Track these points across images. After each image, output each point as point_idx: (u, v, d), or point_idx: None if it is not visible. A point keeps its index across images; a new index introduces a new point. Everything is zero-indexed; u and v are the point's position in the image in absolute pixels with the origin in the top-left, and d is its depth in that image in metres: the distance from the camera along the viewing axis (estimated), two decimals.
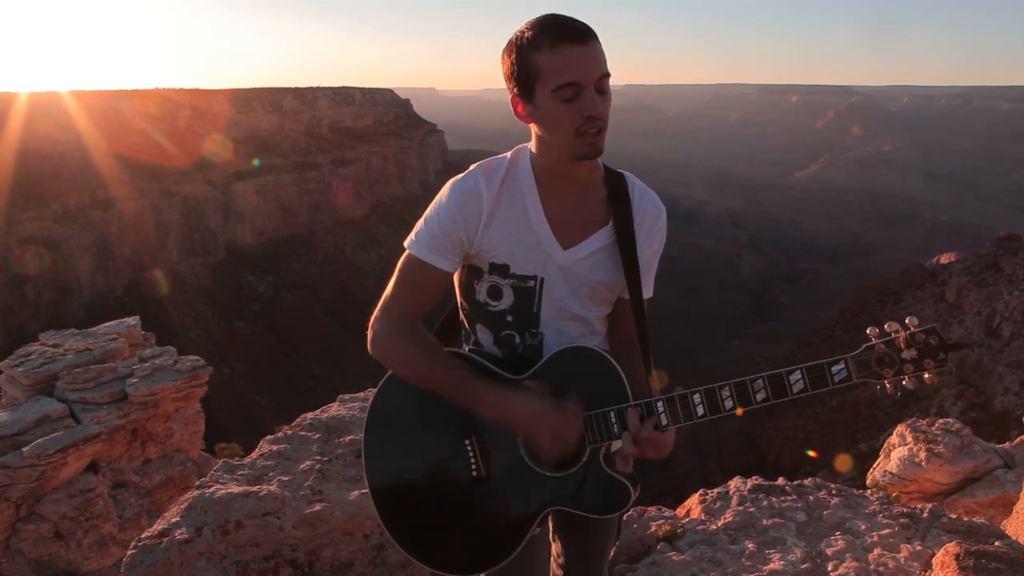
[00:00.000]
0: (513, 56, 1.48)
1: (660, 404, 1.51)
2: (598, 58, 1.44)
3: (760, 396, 1.45)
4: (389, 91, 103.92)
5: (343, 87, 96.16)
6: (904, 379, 1.39)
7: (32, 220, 57.48)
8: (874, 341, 1.41)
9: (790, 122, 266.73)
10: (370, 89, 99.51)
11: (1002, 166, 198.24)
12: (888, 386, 1.40)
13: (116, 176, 64.97)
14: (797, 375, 1.43)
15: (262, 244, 77.02)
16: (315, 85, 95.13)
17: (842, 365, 1.41)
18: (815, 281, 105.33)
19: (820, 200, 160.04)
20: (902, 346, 1.39)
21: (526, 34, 1.46)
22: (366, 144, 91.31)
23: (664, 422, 1.51)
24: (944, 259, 60.22)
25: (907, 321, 1.40)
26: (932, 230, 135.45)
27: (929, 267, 58.70)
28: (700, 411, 1.49)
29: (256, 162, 78.75)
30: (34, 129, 61.22)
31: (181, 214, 70.58)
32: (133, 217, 65.31)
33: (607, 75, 1.46)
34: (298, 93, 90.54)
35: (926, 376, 1.38)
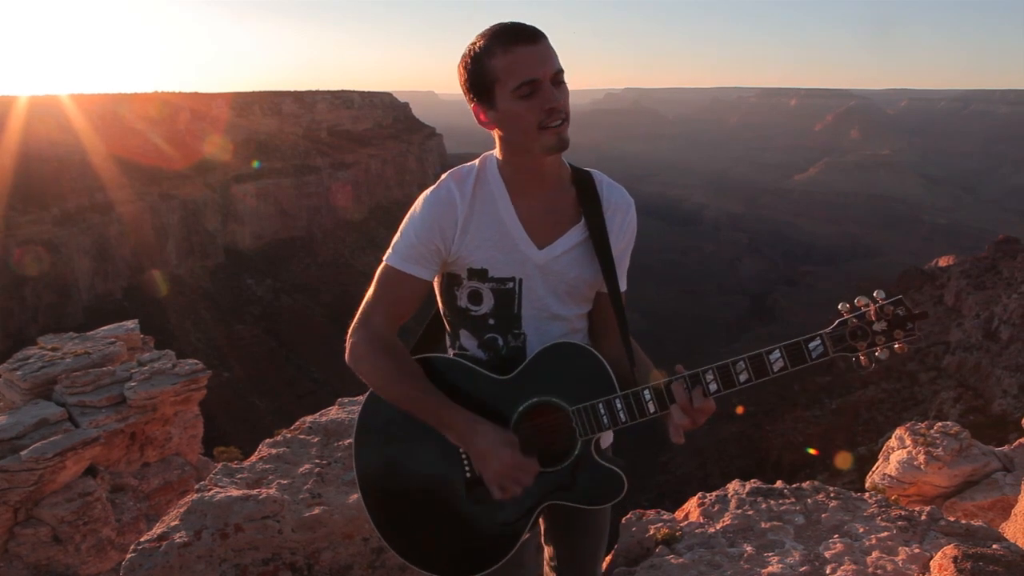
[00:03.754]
0: (469, 67, 1.54)
1: (709, 374, 1.52)
2: (550, 55, 1.50)
3: (743, 377, 1.48)
4: (388, 94, 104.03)
5: (342, 90, 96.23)
6: (877, 350, 1.44)
7: (31, 223, 57.48)
8: (846, 316, 1.46)
9: (789, 125, 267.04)
10: (369, 92, 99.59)
11: (1001, 169, 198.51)
12: (862, 358, 1.45)
13: (115, 179, 64.98)
14: (776, 354, 1.47)
15: (261, 247, 77.02)
16: (314, 88, 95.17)
17: (818, 341, 1.46)
18: (814, 284, 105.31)
19: (819, 203, 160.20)
20: (873, 319, 1.44)
21: (477, 44, 1.52)
22: (365, 147, 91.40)
23: (714, 389, 1.52)
24: (943, 262, 60.19)
25: (875, 295, 1.46)
26: (931, 233, 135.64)
27: (928, 270, 58.67)
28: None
29: (255, 164, 78.80)
30: (34, 132, 61.24)
31: (180, 217, 70.57)
32: (132, 220, 65.29)
33: (561, 70, 1.52)
34: (297, 96, 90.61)
35: (896, 346, 1.43)
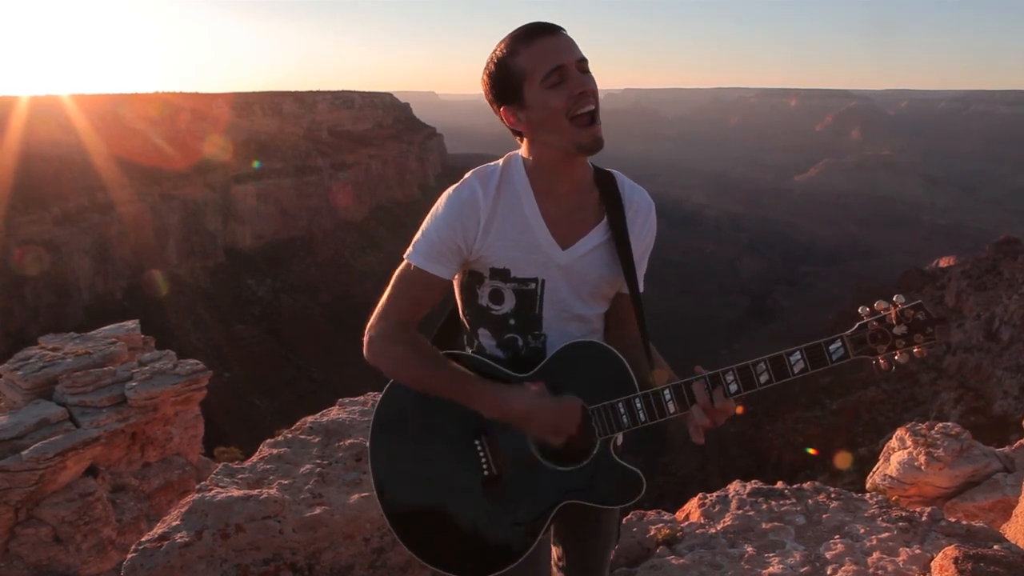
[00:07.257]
0: (493, 73, 1.55)
1: (729, 374, 1.53)
2: (572, 44, 1.53)
3: (763, 378, 1.49)
4: (389, 95, 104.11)
5: (343, 91, 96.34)
6: (896, 354, 1.45)
7: (32, 223, 57.50)
8: (866, 319, 1.46)
9: (789, 126, 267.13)
10: (370, 93, 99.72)
11: (1001, 170, 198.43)
12: (882, 362, 1.46)
13: (116, 179, 65.03)
14: (797, 355, 1.48)
15: (261, 247, 77.04)
16: (315, 89, 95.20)
17: (839, 343, 1.47)
18: (814, 284, 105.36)
19: (820, 203, 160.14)
20: (893, 322, 1.45)
21: (498, 50, 1.55)
22: (366, 148, 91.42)
23: (734, 389, 1.52)
24: (943, 263, 60.22)
25: (895, 299, 1.47)
26: (931, 234, 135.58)
27: (928, 271, 58.67)
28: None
29: (256, 164, 78.84)
30: (35, 132, 61.31)
31: (181, 217, 70.59)
32: (133, 220, 65.32)
33: (585, 59, 1.53)
34: (298, 97, 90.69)
35: (916, 350, 1.44)
